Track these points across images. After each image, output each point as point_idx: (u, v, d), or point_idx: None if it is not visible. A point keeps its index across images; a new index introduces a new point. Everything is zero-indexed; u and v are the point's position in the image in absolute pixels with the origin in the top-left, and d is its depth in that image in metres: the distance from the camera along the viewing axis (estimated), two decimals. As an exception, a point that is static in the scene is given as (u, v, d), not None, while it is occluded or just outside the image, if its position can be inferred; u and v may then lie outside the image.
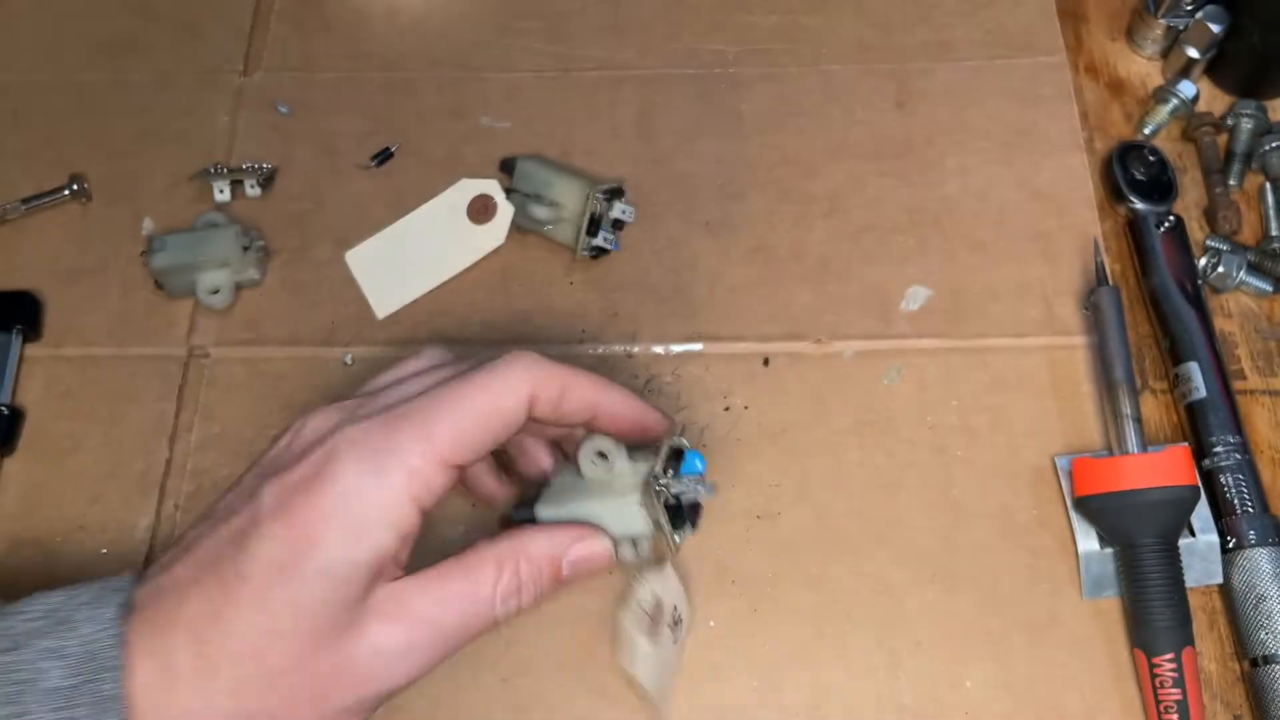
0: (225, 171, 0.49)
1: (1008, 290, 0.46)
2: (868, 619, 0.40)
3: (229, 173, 0.49)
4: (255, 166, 0.49)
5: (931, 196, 0.48)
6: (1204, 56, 0.49)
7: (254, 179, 0.49)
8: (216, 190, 0.49)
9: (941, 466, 0.42)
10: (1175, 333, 0.43)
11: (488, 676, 0.39)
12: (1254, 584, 0.39)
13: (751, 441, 0.43)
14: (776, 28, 0.53)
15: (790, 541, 0.41)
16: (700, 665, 0.39)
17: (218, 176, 0.48)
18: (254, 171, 0.49)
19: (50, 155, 0.50)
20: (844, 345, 0.45)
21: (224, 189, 0.49)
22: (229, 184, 0.49)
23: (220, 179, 0.48)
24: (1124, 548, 0.39)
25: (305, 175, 0.50)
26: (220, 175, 0.49)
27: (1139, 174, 0.47)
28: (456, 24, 0.54)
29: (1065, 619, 0.40)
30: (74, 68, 0.53)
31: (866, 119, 0.50)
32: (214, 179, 0.48)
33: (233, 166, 0.49)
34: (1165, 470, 0.38)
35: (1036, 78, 0.51)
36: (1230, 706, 0.39)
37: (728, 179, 0.49)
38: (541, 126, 0.50)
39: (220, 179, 0.48)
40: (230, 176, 0.49)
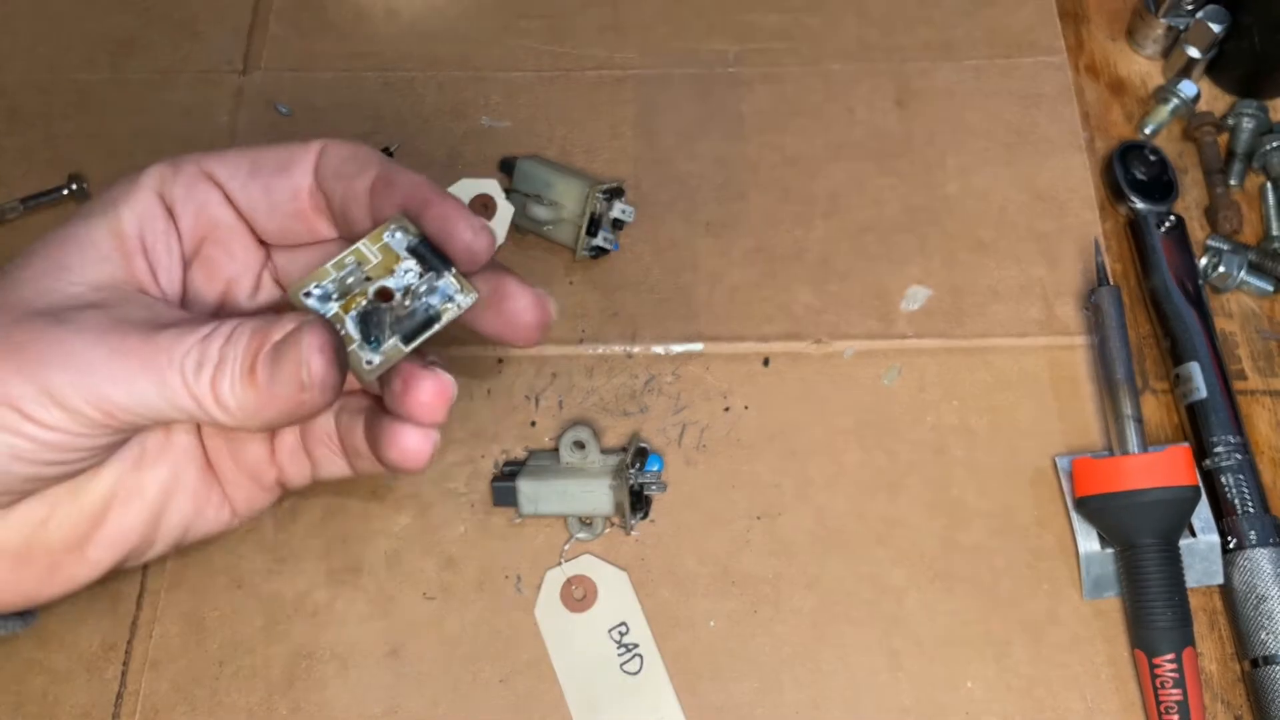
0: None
1: (1008, 290, 0.46)
2: (868, 619, 0.40)
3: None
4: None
5: (932, 196, 0.48)
6: (1205, 56, 0.49)
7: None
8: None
9: (942, 467, 0.42)
10: (1176, 333, 0.43)
11: (487, 676, 0.39)
12: (1254, 584, 0.39)
13: (751, 442, 0.43)
14: (777, 27, 0.53)
15: (790, 542, 0.41)
16: (700, 666, 0.39)
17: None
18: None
19: (49, 155, 0.50)
20: (844, 345, 0.45)
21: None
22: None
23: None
24: (1124, 548, 0.39)
25: (305, 175, 0.50)
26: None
27: (1140, 174, 0.47)
28: (456, 23, 0.54)
29: (1066, 619, 0.40)
30: (72, 67, 0.53)
31: (867, 119, 0.50)
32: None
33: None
34: (1166, 470, 0.38)
35: (1037, 77, 0.51)
36: (1231, 707, 0.39)
37: (728, 179, 0.49)
38: (541, 126, 0.50)
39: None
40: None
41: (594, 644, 0.40)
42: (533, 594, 0.40)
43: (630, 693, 0.39)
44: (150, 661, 0.39)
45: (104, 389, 0.26)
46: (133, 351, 0.27)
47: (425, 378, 0.29)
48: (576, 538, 0.41)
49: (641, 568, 0.41)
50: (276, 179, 0.30)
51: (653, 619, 0.40)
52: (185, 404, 0.27)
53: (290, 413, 0.27)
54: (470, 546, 0.41)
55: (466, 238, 0.28)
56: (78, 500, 0.30)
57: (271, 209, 0.31)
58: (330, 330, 0.27)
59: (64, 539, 0.30)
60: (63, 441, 0.27)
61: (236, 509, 0.34)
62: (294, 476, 0.34)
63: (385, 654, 0.40)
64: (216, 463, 0.33)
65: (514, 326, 0.30)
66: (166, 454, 0.32)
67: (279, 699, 0.39)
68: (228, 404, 0.27)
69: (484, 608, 0.40)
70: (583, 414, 0.44)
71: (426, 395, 0.29)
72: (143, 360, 0.27)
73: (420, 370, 0.29)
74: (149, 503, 0.31)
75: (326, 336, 0.27)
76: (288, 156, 0.31)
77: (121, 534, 0.31)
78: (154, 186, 0.30)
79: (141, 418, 0.27)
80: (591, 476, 0.40)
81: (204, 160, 0.31)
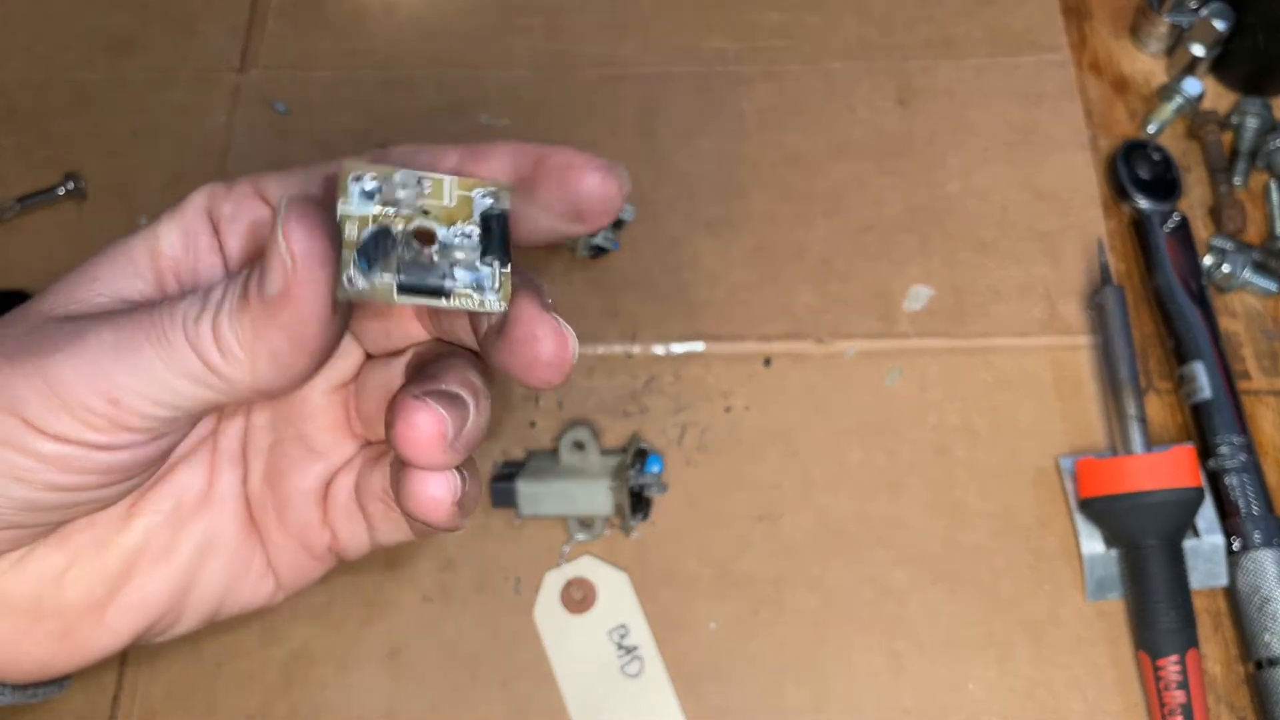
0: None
1: (1011, 290, 0.45)
2: (870, 621, 0.40)
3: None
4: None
5: (934, 195, 0.48)
6: (1209, 54, 0.49)
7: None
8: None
9: (944, 467, 0.42)
10: (1180, 332, 0.43)
11: (486, 679, 0.39)
12: (1259, 586, 0.38)
13: (752, 442, 0.43)
14: (778, 25, 0.52)
15: (792, 543, 0.41)
16: (702, 667, 0.39)
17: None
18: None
19: (45, 154, 0.50)
20: (846, 345, 0.45)
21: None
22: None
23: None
24: (1128, 549, 0.39)
25: (303, 174, 0.49)
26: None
27: (1143, 172, 0.47)
28: (455, 21, 0.53)
29: (1068, 621, 0.39)
30: (70, 66, 0.52)
31: (868, 117, 0.50)
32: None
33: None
34: (1170, 471, 0.38)
35: (1040, 75, 0.50)
36: (1235, 709, 0.38)
37: (728, 178, 0.48)
38: (541, 124, 0.50)
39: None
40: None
41: (594, 646, 0.39)
42: (532, 595, 0.40)
43: (630, 695, 0.39)
44: (147, 663, 0.39)
45: (108, 369, 0.23)
46: (139, 325, 0.24)
47: (417, 410, 0.24)
48: (576, 539, 0.41)
49: (642, 569, 0.41)
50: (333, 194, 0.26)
51: (653, 621, 0.40)
52: (192, 366, 0.23)
53: (290, 325, 0.23)
54: (469, 548, 0.41)
55: (594, 185, 0.24)
56: (101, 555, 0.27)
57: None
58: (313, 207, 0.23)
59: (82, 598, 0.27)
60: (71, 458, 0.24)
61: (281, 580, 0.29)
62: (348, 540, 0.29)
63: (384, 656, 0.39)
64: (261, 521, 0.29)
65: (523, 361, 0.24)
66: (205, 508, 0.28)
67: (276, 701, 0.38)
68: (230, 346, 0.23)
69: (483, 609, 0.40)
70: (582, 414, 0.44)
71: (416, 432, 0.24)
72: (147, 330, 0.24)
73: (411, 402, 0.24)
74: (181, 565, 0.28)
75: (305, 208, 0.22)
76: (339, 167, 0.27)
77: (147, 599, 0.28)
78: (202, 204, 0.27)
79: (154, 403, 0.24)
80: (591, 477, 0.40)
81: (259, 180, 0.28)
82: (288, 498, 0.28)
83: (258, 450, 0.29)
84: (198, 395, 0.24)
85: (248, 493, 0.29)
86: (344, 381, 0.29)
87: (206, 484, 0.28)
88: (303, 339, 0.23)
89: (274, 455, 0.28)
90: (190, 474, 0.28)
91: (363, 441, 0.29)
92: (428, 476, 0.25)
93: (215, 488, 0.28)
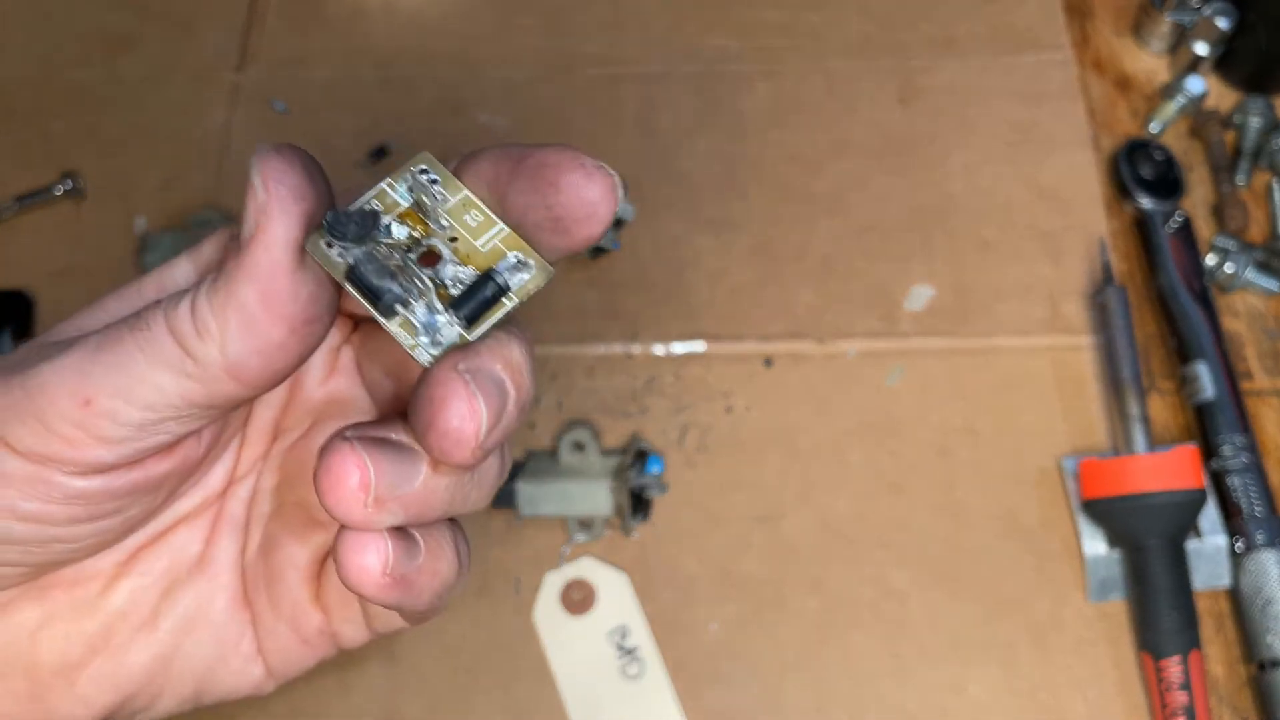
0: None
1: (1013, 289, 0.45)
2: (871, 622, 0.40)
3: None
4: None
5: (935, 194, 0.48)
6: (1211, 53, 0.48)
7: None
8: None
9: (945, 468, 0.42)
10: (1183, 332, 0.43)
11: (486, 681, 0.39)
12: (1262, 587, 0.38)
13: (753, 443, 0.43)
14: (778, 24, 0.52)
15: (793, 544, 0.41)
16: (702, 669, 0.39)
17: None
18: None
19: (43, 153, 0.50)
20: (847, 345, 0.44)
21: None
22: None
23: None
24: (1130, 549, 0.39)
25: (302, 173, 0.49)
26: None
27: (1146, 172, 0.46)
28: (454, 20, 0.53)
29: (1070, 622, 0.39)
30: (67, 64, 0.52)
31: (870, 116, 0.50)
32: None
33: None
34: (1172, 472, 0.38)
35: (1042, 74, 0.50)
36: (1238, 711, 0.38)
37: (729, 177, 0.48)
38: (540, 124, 0.50)
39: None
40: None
41: (594, 648, 0.39)
42: (532, 596, 0.40)
43: (630, 697, 0.39)
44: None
45: (86, 368, 0.21)
46: (123, 322, 0.22)
47: (336, 453, 0.21)
48: (576, 540, 0.41)
49: (642, 570, 0.40)
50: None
51: (653, 622, 0.40)
52: (167, 350, 0.21)
53: (257, 271, 0.21)
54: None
55: (574, 186, 0.22)
56: (80, 615, 0.25)
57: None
58: (294, 150, 0.21)
59: (55, 659, 0.25)
60: (40, 479, 0.22)
61: (270, 665, 0.27)
62: (342, 625, 0.26)
63: (383, 658, 0.39)
64: (253, 598, 0.27)
65: (421, 421, 0.20)
66: (197, 577, 0.26)
67: (276, 701, 0.38)
68: (204, 318, 0.21)
69: (483, 611, 0.40)
70: (582, 414, 0.43)
71: (331, 478, 0.21)
72: (130, 323, 0.22)
73: (336, 443, 0.21)
74: (163, 634, 0.26)
75: (285, 147, 0.21)
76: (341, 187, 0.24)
77: (122, 669, 0.26)
78: (220, 241, 0.26)
79: (127, 400, 0.22)
80: (591, 478, 0.40)
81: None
82: (280, 570, 0.26)
83: (259, 517, 0.27)
84: (173, 387, 0.22)
85: (244, 565, 0.27)
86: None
87: (203, 549, 0.26)
88: (271, 293, 0.21)
89: (272, 523, 0.27)
90: (188, 536, 0.26)
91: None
92: (350, 537, 0.21)
93: (212, 555, 0.26)
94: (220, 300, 0.21)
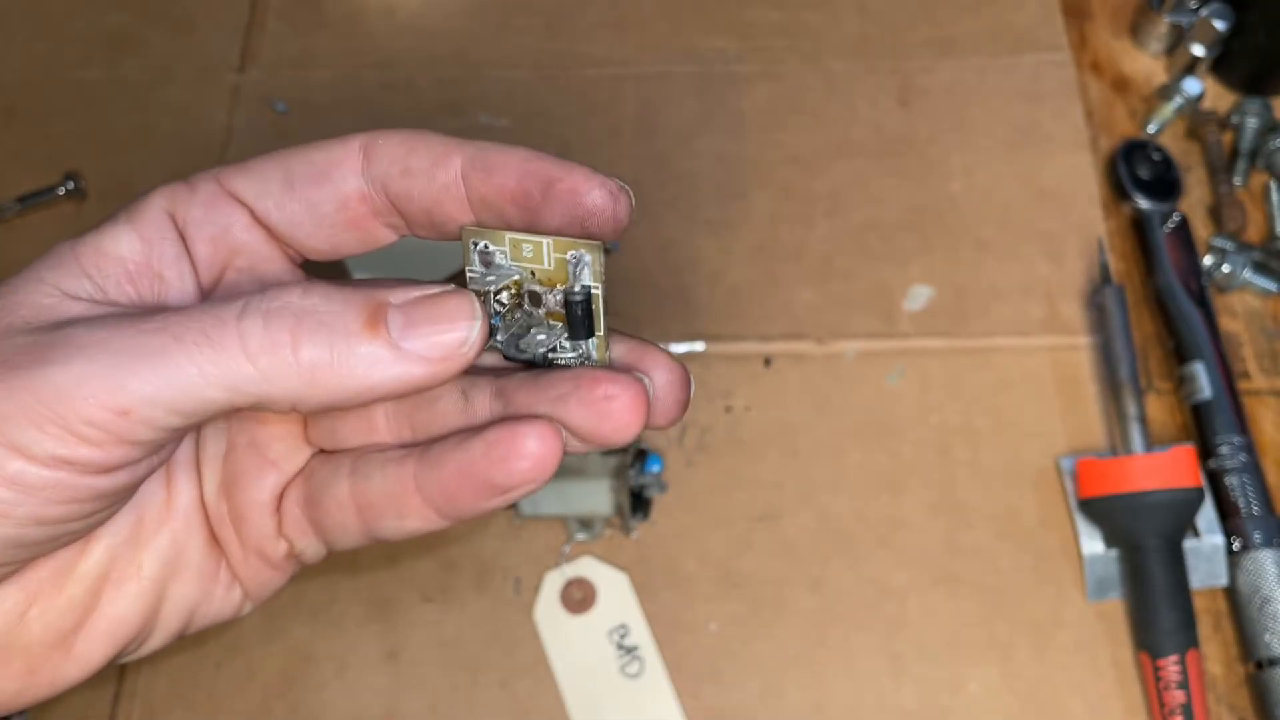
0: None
1: (1011, 289, 0.45)
2: (870, 622, 0.40)
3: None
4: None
5: (935, 195, 0.48)
6: (1209, 54, 0.49)
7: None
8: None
9: (944, 468, 0.42)
10: (1180, 332, 0.43)
11: (486, 679, 0.39)
12: (1259, 586, 0.38)
13: (753, 443, 0.43)
14: (778, 24, 0.52)
15: (792, 544, 0.41)
16: (702, 668, 0.39)
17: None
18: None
19: (45, 153, 0.50)
20: (846, 345, 0.45)
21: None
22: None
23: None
24: (1128, 549, 0.39)
25: (303, 173, 0.49)
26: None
27: (1144, 172, 0.46)
28: (455, 20, 0.53)
29: (1069, 622, 0.39)
30: (69, 65, 0.52)
31: (869, 116, 0.50)
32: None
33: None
34: (1170, 471, 0.38)
35: (1040, 75, 0.50)
36: (1235, 710, 0.38)
37: (729, 177, 0.48)
38: (540, 124, 0.50)
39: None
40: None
41: (594, 647, 0.39)
42: (532, 596, 0.40)
43: (630, 696, 0.39)
44: (147, 663, 0.39)
45: (119, 378, 0.21)
46: (162, 331, 0.22)
47: (623, 402, 0.23)
48: (576, 539, 0.41)
49: (642, 569, 0.41)
50: (316, 189, 0.26)
51: (653, 621, 0.40)
52: (238, 372, 0.21)
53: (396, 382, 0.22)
54: (469, 548, 0.41)
55: (598, 203, 0.23)
56: (63, 586, 0.25)
57: (317, 223, 0.26)
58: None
59: (46, 634, 0.25)
60: (61, 485, 0.22)
61: (248, 590, 0.28)
62: (304, 548, 0.28)
63: (383, 656, 0.39)
64: (220, 534, 0.28)
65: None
66: (167, 523, 0.27)
67: (276, 701, 0.38)
68: (307, 360, 0.22)
69: (483, 610, 0.40)
70: (582, 414, 0.43)
71: (612, 426, 0.24)
72: (175, 334, 0.22)
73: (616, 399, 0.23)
74: (148, 583, 0.27)
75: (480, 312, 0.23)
76: (324, 159, 0.26)
77: (115, 623, 0.26)
78: (162, 206, 0.26)
79: (170, 410, 0.22)
80: (591, 477, 0.40)
81: (226, 177, 0.26)
82: (243, 510, 0.27)
83: (210, 458, 0.27)
84: (224, 398, 0.22)
85: (205, 504, 0.27)
86: None
87: (166, 495, 0.27)
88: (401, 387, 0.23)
89: (228, 465, 0.27)
90: (149, 486, 0.27)
91: (315, 450, 0.27)
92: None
93: (174, 499, 0.27)
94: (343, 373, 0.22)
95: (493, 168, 0.24)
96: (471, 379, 0.26)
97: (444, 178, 0.25)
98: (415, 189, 0.25)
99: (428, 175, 0.25)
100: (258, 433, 0.27)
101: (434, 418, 0.26)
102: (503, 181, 0.24)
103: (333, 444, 0.27)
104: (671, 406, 0.25)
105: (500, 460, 0.23)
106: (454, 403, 0.26)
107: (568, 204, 0.23)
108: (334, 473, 0.26)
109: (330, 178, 0.26)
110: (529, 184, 0.24)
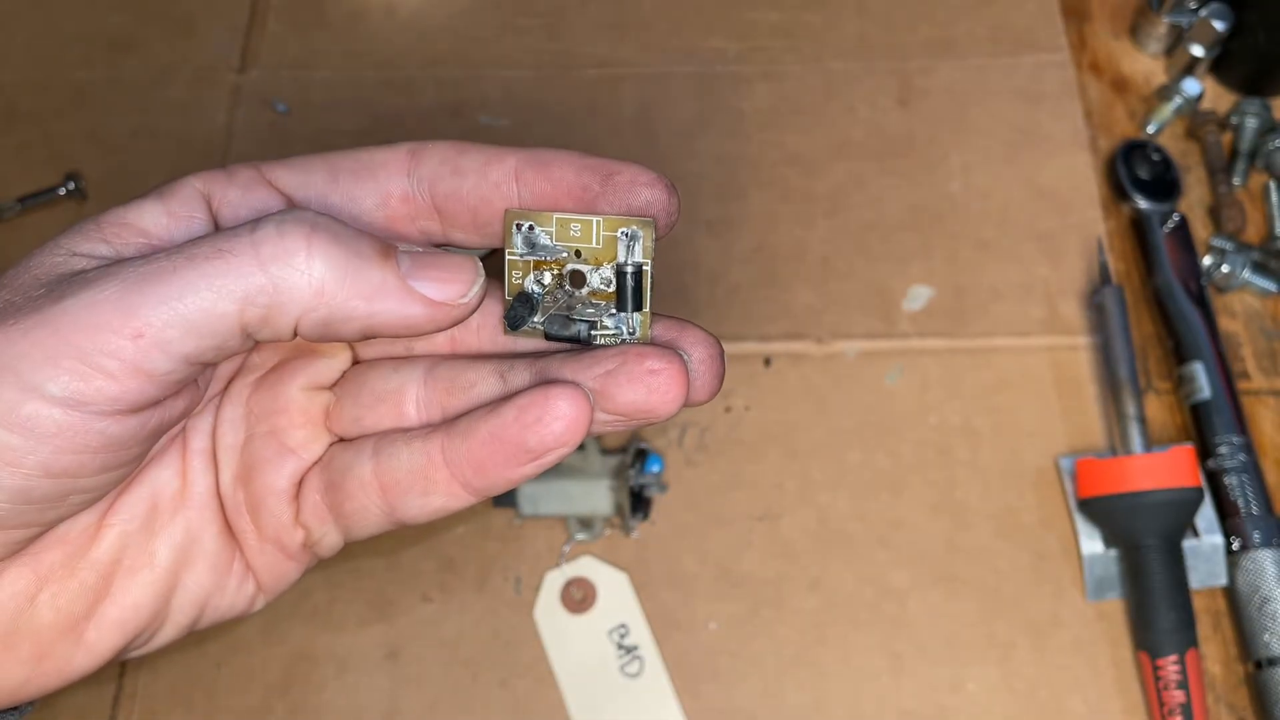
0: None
1: (1011, 290, 0.46)
2: (870, 621, 0.40)
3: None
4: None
5: (934, 195, 0.48)
6: (1208, 54, 0.49)
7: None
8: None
9: (944, 468, 0.42)
10: (1179, 332, 0.43)
11: (486, 679, 0.39)
12: (1258, 586, 0.38)
13: (753, 443, 0.43)
14: (777, 25, 0.52)
15: (792, 543, 0.41)
16: (701, 668, 0.39)
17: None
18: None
19: (46, 153, 0.50)
20: (846, 345, 0.45)
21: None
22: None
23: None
24: (1127, 549, 0.39)
25: (303, 174, 0.49)
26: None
27: (1143, 173, 0.47)
28: (455, 21, 0.53)
29: (1068, 621, 0.39)
30: (69, 65, 0.52)
31: (868, 117, 0.50)
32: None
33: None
34: (1169, 471, 0.38)
35: (1040, 75, 0.50)
36: (1234, 709, 0.38)
37: (728, 178, 0.48)
38: (540, 125, 0.50)
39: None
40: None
41: (594, 646, 0.39)
42: (532, 595, 0.40)
43: (630, 695, 0.39)
44: (148, 663, 0.39)
45: (132, 301, 0.21)
46: (171, 255, 0.22)
47: (671, 379, 0.24)
48: (576, 539, 0.41)
49: (642, 569, 0.41)
50: (360, 184, 0.26)
51: (653, 621, 0.40)
52: (249, 282, 0.22)
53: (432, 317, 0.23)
54: (469, 548, 0.41)
55: (658, 195, 0.24)
56: (75, 571, 0.25)
57: (353, 221, 0.26)
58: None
59: (57, 619, 0.25)
60: (73, 429, 0.21)
61: (262, 583, 0.28)
62: (322, 537, 0.28)
63: (383, 656, 0.39)
64: (235, 524, 0.28)
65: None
66: (181, 511, 0.27)
67: (276, 701, 0.39)
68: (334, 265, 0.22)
69: (483, 609, 0.40)
70: (582, 414, 0.44)
71: (658, 398, 0.24)
72: (188, 254, 0.22)
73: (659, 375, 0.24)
74: (161, 571, 0.26)
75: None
76: (371, 159, 0.26)
77: (127, 611, 0.26)
78: (197, 187, 0.26)
79: (189, 333, 0.22)
80: (591, 477, 0.40)
81: (266, 167, 0.26)
82: (261, 498, 0.27)
83: (227, 448, 0.27)
84: (236, 315, 0.22)
85: (221, 493, 0.27)
86: (329, 383, 0.28)
87: (181, 483, 0.27)
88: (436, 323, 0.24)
89: (246, 453, 0.27)
90: (164, 473, 0.27)
91: (335, 439, 0.28)
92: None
93: (190, 487, 0.27)
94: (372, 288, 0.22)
95: (549, 163, 0.25)
96: (510, 361, 0.26)
97: (496, 175, 0.25)
98: (466, 186, 0.25)
99: (479, 174, 0.25)
100: (277, 420, 0.27)
101: (471, 402, 0.26)
102: (561, 174, 0.25)
103: (358, 430, 0.27)
104: (709, 381, 0.25)
105: (534, 423, 0.24)
106: (492, 386, 0.26)
107: (626, 194, 0.24)
108: (356, 455, 0.26)
109: (376, 175, 0.26)
110: (588, 177, 0.25)
